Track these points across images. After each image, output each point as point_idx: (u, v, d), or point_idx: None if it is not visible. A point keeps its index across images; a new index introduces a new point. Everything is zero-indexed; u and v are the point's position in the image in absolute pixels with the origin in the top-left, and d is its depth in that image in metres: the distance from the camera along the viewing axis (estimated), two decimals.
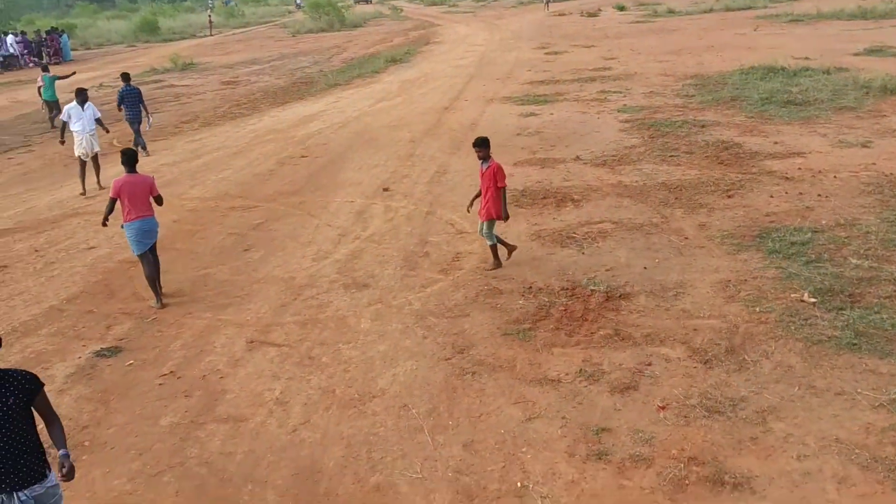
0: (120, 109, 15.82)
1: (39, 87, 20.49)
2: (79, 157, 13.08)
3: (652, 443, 5.24)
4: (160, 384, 6.66)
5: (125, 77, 16.14)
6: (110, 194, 8.29)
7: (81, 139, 12.95)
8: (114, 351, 7.34)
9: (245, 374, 6.70)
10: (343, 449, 5.52)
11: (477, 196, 8.52)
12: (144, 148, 16.14)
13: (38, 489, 3.92)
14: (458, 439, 5.51)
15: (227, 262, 9.32)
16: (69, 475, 3.90)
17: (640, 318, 7.01)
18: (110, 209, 8.36)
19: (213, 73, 30.40)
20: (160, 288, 8.29)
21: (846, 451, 4.97)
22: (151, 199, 8.33)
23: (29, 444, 3.86)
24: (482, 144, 8.27)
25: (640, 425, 5.45)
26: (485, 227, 8.37)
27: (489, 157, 8.32)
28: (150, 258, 8.25)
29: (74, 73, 22.77)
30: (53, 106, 20.06)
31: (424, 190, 11.67)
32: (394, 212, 10.74)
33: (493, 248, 8.49)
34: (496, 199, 8.26)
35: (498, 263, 8.48)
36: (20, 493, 3.86)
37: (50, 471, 4.00)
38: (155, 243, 8.38)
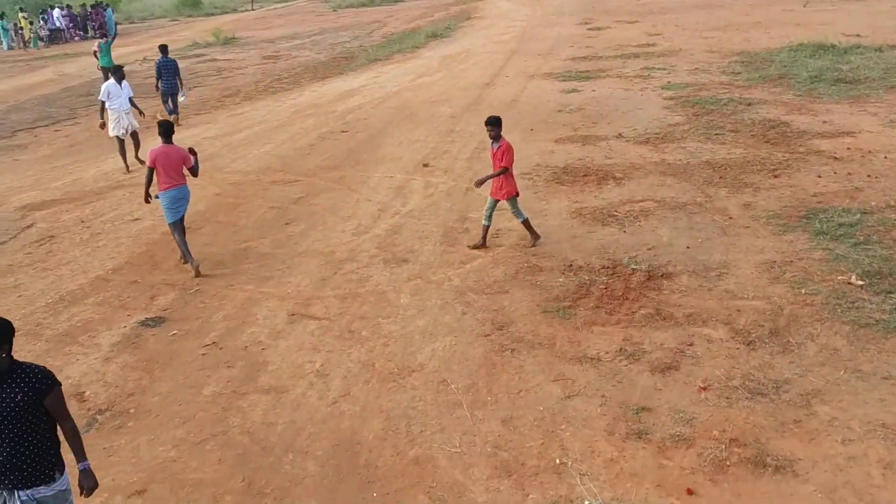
0: (159, 81, 16.40)
1: (95, 52, 21.59)
2: (116, 136, 12.83)
3: (693, 423, 5.20)
4: (203, 354, 6.76)
5: (163, 49, 16.71)
6: (147, 164, 8.56)
7: (119, 117, 12.75)
8: (158, 321, 7.46)
9: (286, 346, 6.78)
10: (382, 422, 5.56)
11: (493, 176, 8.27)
12: (176, 112, 16.84)
13: (43, 491, 3.77)
14: (496, 415, 5.52)
15: (268, 236, 9.40)
16: (89, 492, 3.80)
17: (682, 298, 6.94)
18: (149, 179, 8.60)
19: (255, 48, 30.51)
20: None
21: (892, 435, 4.88)
22: (185, 170, 8.57)
23: (36, 444, 3.71)
24: (495, 123, 8.15)
25: (680, 405, 5.41)
26: (509, 206, 8.33)
27: (500, 136, 8.22)
28: (180, 226, 8.48)
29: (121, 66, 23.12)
30: (107, 71, 19.75)
31: (464, 166, 11.62)
32: (434, 187, 10.72)
33: (527, 224, 8.46)
34: (508, 176, 8.21)
35: (536, 236, 8.45)
36: (21, 493, 3.73)
37: (61, 474, 3.86)
38: (183, 215, 8.57)
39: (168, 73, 16.31)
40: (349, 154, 12.96)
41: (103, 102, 12.77)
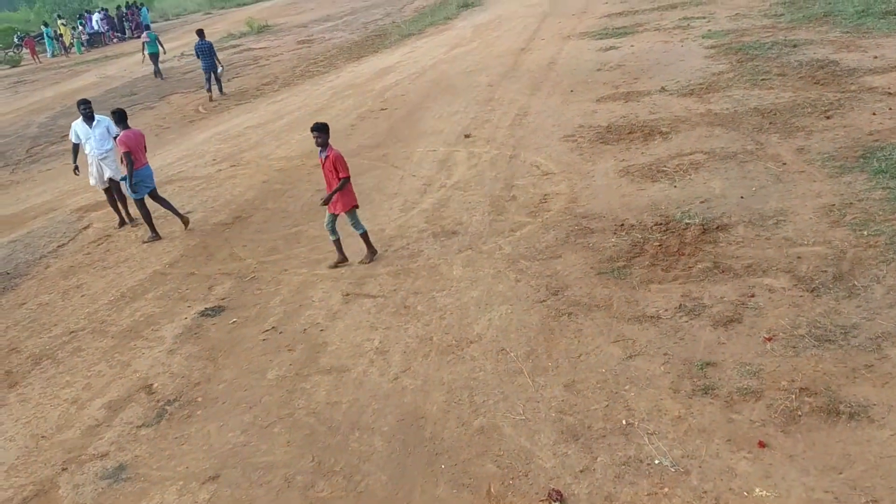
0: (199, 60, 19.17)
1: (144, 43, 24.17)
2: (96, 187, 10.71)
3: (760, 375, 5.10)
4: (263, 339, 6.86)
5: (200, 33, 19.53)
6: (123, 150, 9.25)
7: (91, 165, 10.26)
8: (217, 310, 7.58)
9: (344, 326, 6.83)
10: (444, 394, 5.58)
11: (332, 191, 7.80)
12: (221, 90, 19.71)
13: None
14: (558, 380, 5.49)
15: (317, 219, 9.45)
16: None
17: (739, 250, 6.79)
18: (130, 164, 9.36)
19: (289, 34, 30.59)
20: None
21: None
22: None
23: None
24: (321, 130, 7.56)
25: (746, 358, 5.31)
26: (347, 219, 7.81)
27: (328, 144, 7.66)
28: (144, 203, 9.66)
29: (164, 51, 25.46)
30: (155, 58, 24.06)
31: (506, 133, 11.52)
32: (477, 157, 10.65)
33: (366, 238, 7.99)
34: (345, 188, 7.68)
35: (373, 251, 8.01)
36: None
37: None
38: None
39: (205, 54, 18.89)
40: (390, 131, 12.95)
41: (76, 145, 10.32)
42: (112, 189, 10.38)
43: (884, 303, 5.62)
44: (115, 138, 9.86)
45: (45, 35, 38.53)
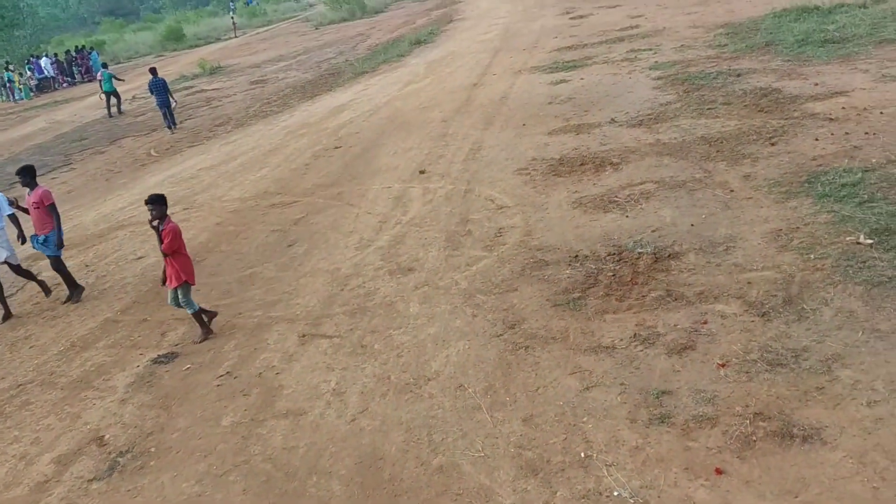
0: (154, 96, 20.10)
1: (100, 81, 25.36)
2: None
3: (715, 402, 5.14)
4: (218, 385, 6.74)
5: (153, 71, 20.49)
6: (48, 203, 9.16)
7: None
8: (170, 357, 7.45)
9: (300, 367, 6.75)
10: (403, 434, 5.52)
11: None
12: (175, 124, 20.61)
13: None
14: (517, 415, 5.47)
15: (272, 260, 9.39)
16: None
17: (691, 277, 6.87)
18: (58, 218, 9.28)
19: (242, 74, 30.58)
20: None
21: None
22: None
23: None
24: (156, 202, 7.18)
25: (701, 385, 5.35)
26: (180, 295, 7.45)
27: (165, 215, 7.30)
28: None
29: (123, 80, 27.55)
30: (112, 94, 25.08)
31: (461, 168, 11.59)
32: (432, 193, 10.69)
33: (198, 316, 7.62)
34: (180, 261, 7.41)
35: (207, 331, 7.63)
36: None
37: None
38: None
39: (159, 91, 19.89)
40: (345, 169, 12.94)
41: None
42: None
43: (832, 325, 5.72)
44: (10, 215, 9.16)
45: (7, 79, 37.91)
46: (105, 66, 27.10)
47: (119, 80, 26.59)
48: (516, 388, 5.79)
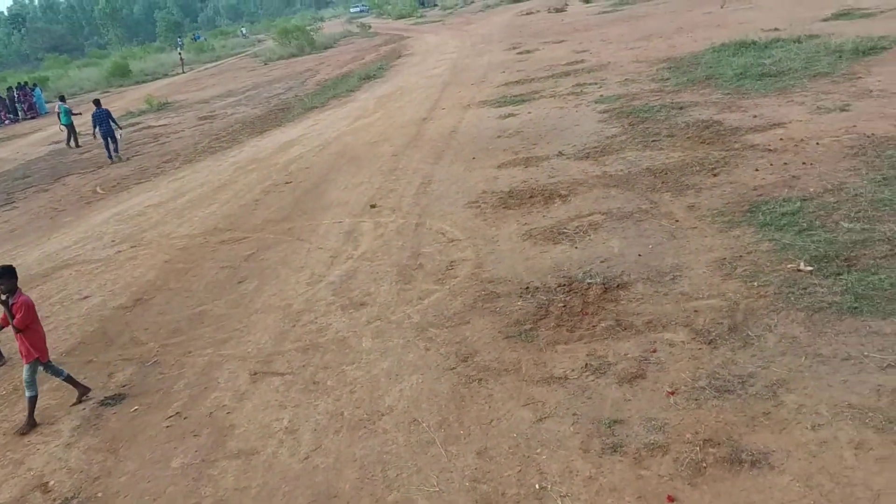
0: (96, 129, 20.67)
1: (58, 114, 25.74)
2: None
3: (665, 429, 5.21)
4: (167, 426, 6.61)
5: (97, 102, 21.33)
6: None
7: None
8: (118, 398, 7.29)
9: (251, 406, 6.66)
10: (357, 471, 5.47)
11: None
12: (117, 153, 21.32)
13: None
14: (471, 448, 5.47)
15: (222, 297, 9.28)
16: None
17: (639, 306, 6.99)
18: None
19: (190, 110, 30.37)
20: None
21: (859, 415, 4.94)
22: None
23: None
24: (3, 275, 6.77)
25: (651, 413, 5.42)
26: (25, 373, 6.97)
27: (16, 288, 6.89)
28: None
29: (80, 113, 27.97)
30: (70, 129, 25.43)
31: (411, 202, 11.64)
32: (383, 227, 10.71)
33: (31, 403, 7.03)
34: (32, 336, 6.96)
35: (31, 423, 6.98)
36: None
37: None
38: None
39: (102, 121, 20.54)
40: (296, 204, 12.91)
41: None
42: None
43: (776, 351, 5.85)
44: None
45: None
46: (63, 99, 27.07)
47: (76, 114, 26.60)
48: (470, 421, 5.80)
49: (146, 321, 8.99)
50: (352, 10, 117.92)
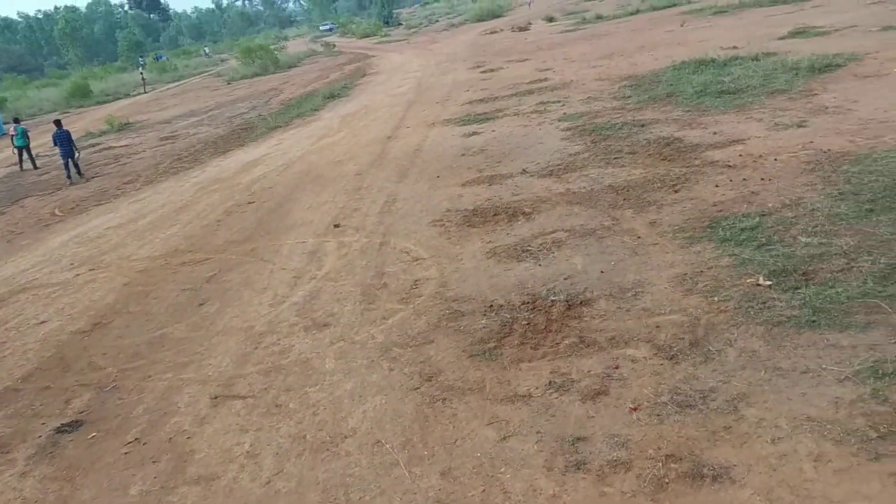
0: (58, 148, 20.88)
1: (12, 136, 25.18)
2: None
3: (628, 446, 5.21)
4: (126, 453, 6.47)
5: (57, 123, 21.69)
6: None
7: None
8: (75, 425, 7.12)
9: (212, 430, 6.55)
10: (320, 494, 5.40)
11: None
12: (81, 174, 21.49)
13: None
14: (435, 469, 5.42)
15: (183, 320, 9.15)
16: None
17: (602, 323, 7.01)
18: None
19: (151, 130, 30.08)
20: None
21: (818, 428, 4.99)
22: None
23: None
24: None
25: (614, 430, 5.43)
26: None
27: None
28: None
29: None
30: (24, 150, 24.87)
31: (376, 221, 11.61)
32: (347, 247, 10.66)
33: None
34: None
35: None
36: None
37: None
38: None
39: (63, 142, 20.75)
40: (259, 225, 12.80)
41: None
42: None
43: (737, 365, 5.90)
44: None
45: None
46: (17, 120, 26.82)
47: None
48: (434, 441, 5.76)
49: (105, 345, 8.82)
50: (321, 28, 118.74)
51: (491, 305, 7.85)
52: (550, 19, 49.69)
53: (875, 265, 6.92)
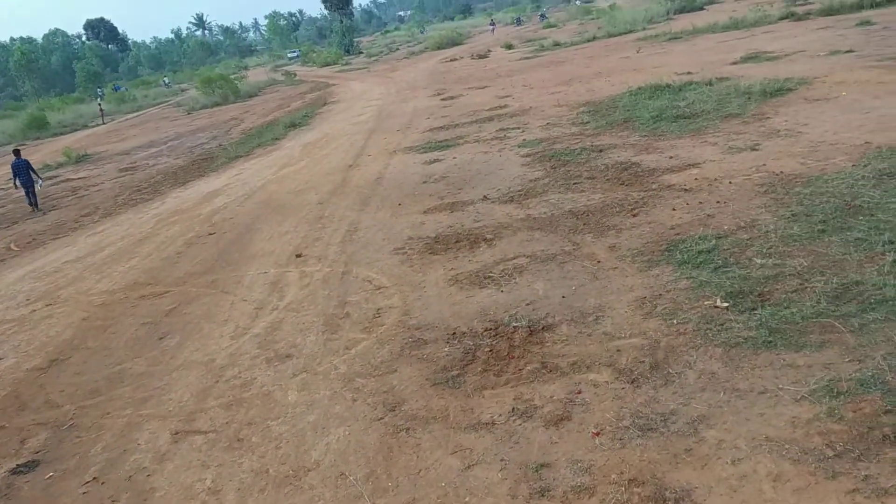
0: (16, 179, 20.99)
1: None
2: None
3: (591, 471, 5.23)
4: (84, 493, 6.33)
5: (16, 152, 21.91)
6: None
7: None
8: (31, 465, 6.96)
9: (173, 467, 6.44)
10: None
11: None
12: (38, 207, 21.30)
13: None
14: (399, 499, 5.39)
15: (142, 354, 9.01)
16: None
17: (564, 348, 7.05)
18: None
19: (110, 162, 29.76)
20: None
21: (777, 448, 5.05)
22: None
23: None
24: None
25: (577, 455, 5.45)
26: None
27: None
28: None
29: None
30: None
31: (338, 250, 11.58)
32: (309, 277, 10.61)
33: None
34: None
35: None
36: None
37: None
38: None
39: (22, 171, 20.90)
40: (220, 256, 12.69)
41: None
42: None
43: (696, 387, 5.97)
44: None
45: None
46: None
47: None
48: (398, 471, 5.73)
49: (62, 382, 8.65)
50: (289, 55, 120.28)
51: (454, 333, 7.86)
52: (509, 46, 50.31)
53: (828, 285, 7.07)
